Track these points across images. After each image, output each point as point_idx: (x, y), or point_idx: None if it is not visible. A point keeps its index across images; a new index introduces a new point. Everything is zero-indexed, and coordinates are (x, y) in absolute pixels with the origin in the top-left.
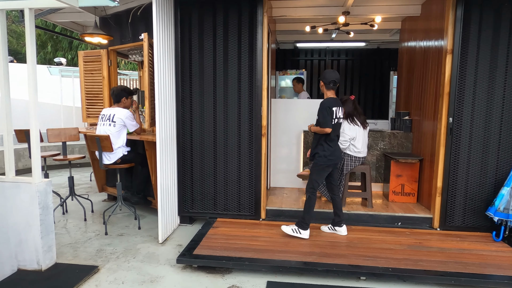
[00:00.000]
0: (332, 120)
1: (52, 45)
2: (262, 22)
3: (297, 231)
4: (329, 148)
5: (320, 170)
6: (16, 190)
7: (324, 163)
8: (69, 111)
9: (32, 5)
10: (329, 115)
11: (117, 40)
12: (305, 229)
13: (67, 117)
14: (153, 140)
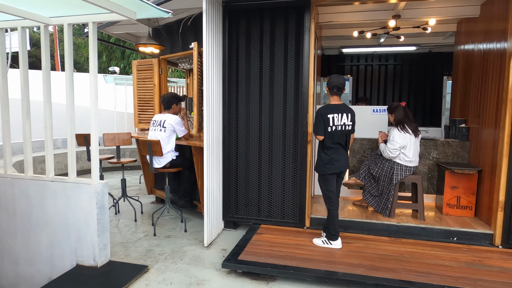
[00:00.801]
0: (325, 128)
1: (107, 55)
2: (309, 29)
3: (327, 243)
4: (325, 156)
5: (323, 180)
6: (77, 190)
7: (322, 172)
8: (121, 117)
9: (95, 19)
10: (320, 123)
11: (167, 50)
12: (335, 240)
13: (119, 122)
14: (200, 145)
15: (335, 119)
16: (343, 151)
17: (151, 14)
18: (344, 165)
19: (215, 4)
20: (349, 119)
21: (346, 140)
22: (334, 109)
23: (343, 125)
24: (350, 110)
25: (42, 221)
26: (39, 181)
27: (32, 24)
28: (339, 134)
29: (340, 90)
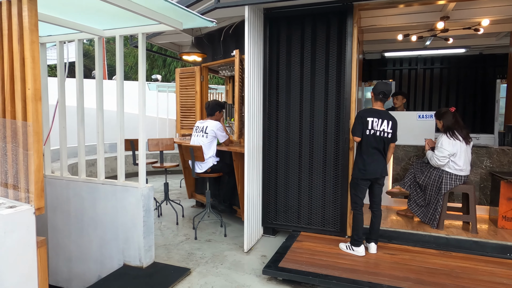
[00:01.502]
0: (363, 130)
1: (149, 63)
2: (351, 33)
3: (350, 248)
4: (360, 160)
5: (355, 184)
6: (125, 193)
7: (356, 176)
8: (163, 123)
9: (145, 30)
10: (359, 125)
11: (209, 57)
12: (358, 246)
13: (161, 128)
14: (241, 151)
15: (374, 123)
16: (380, 157)
17: (196, 23)
18: (379, 171)
19: (256, 12)
20: (389, 127)
21: (385, 147)
22: (375, 113)
23: (382, 131)
24: (391, 118)
25: (93, 222)
26: (91, 184)
27: (88, 37)
28: (377, 139)
29: (386, 97)
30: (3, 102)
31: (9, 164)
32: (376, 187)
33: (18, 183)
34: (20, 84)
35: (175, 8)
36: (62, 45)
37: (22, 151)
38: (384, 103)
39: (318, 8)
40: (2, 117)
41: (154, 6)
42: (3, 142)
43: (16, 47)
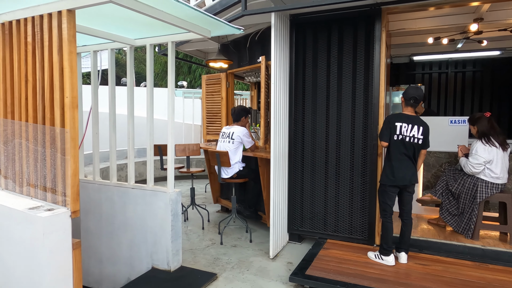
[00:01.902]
0: (391, 135)
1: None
2: (380, 38)
3: (379, 257)
4: (388, 166)
5: (383, 191)
6: (154, 198)
7: (385, 182)
8: (189, 128)
9: (174, 39)
10: (386, 129)
11: (235, 64)
12: (387, 255)
13: (187, 134)
14: (266, 157)
15: (403, 128)
16: (410, 164)
17: (224, 31)
18: (408, 178)
19: (282, 18)
20: (419, 132)
21: (415, 154)
22: (404, 118)
23: (412, 137)
24: (422, 124)
25: (123, 225)
26: (121, 188)
27: (120, 46)
28: (406, 145)
29: (417, 102)
30: (43, 109)
31: (48, 168)
32: (406, 195)
33: (56, 187)
34: (59, 92)
35: (204, 16)
36: (96, 54)
37: (60, 156)
38: (415, 108)
39: (345, 13)
40: (42, 124)
41: (184, 15)
42: (42, 147)
43: (55, 58)
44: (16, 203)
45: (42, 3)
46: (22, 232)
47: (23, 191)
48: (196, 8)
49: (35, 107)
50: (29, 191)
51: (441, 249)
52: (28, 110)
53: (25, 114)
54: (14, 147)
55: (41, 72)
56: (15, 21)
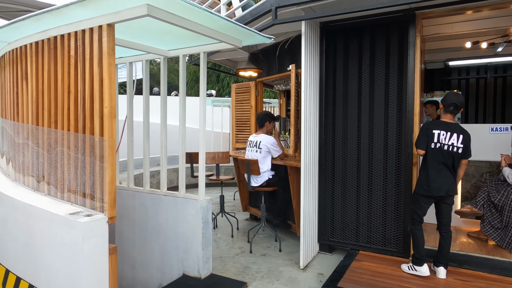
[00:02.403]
0: (428, 143)
1: None
2: (414, 43)
3: (412, 268)
4: (424, 174)
5: (416, 200)
6: (186, 205)
7: (418, 192)
8: (218, 136)
9: (206, 49)
10: (424, 137)
11: (264, 72)
12: (420, 265)
13: (215, 142)
14: (296, 165)
15: (441, 136)
16: (448, 173)
17: (255, 40)
18: (445, 189)
19: (313, 26)
20: (459, 141)
21: (454, 163)
22: (442, 125)
23: (451, 146)
24: (463, 132)
25: (155, 231)
26: (154, 195)
27: (154, 57)
28: (444, 153)
29: (457, 109)
30: (84, 119)
31: (87, 175)
32: (444, 207)
33: (94, 193)
34: (98, 102)
35: (235, 27)
36: (131, 65)
37: (98, 163)
38: (455, 116)
39: (377, 19)
40: (82, 133)
41: (216, 26)
42: (82, 155)
43: (96, 70)
44: (57, 209)
45: (84, 19)
46: (63, 236)
47: (64, 197)
48: (228, 19)
49: (76, 116)
50: (70, 197)
51: (483, 265)
52: (70, 120)
53: (67, 123)
54: (56, 155)
55: (82, 83)
56: (60, 36)
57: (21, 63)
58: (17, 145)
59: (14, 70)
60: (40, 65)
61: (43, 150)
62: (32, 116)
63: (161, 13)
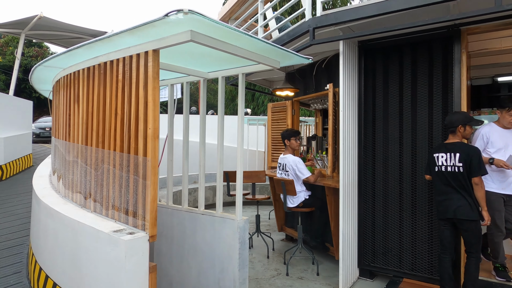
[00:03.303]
0: (431, 168)
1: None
2: (459, 60)
3: None
4: (436, 199)
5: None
6: (222, 224)
7: (437, 216)
8: (253, 155)
9: (244, 71)
10: (428, 162)
11: (301, 92)
12: None
13: (251, 160)
14: (334, 186)
15: (440, 158)
16: (457, 196)
17: (293, 61)
18: (451, 212)
19: (350, 45)
20: (457, 159)
21: (462, 184)
22: (442, 147)
23: (452, 166)
24: (461, 149)
25: (193, 249)
26: (192, 213)
27: (194, 79)
28: (448, 175)
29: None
30: (129, 139)
31: (131, 194)
32: (463, 234)
33: (137, 211)
34: (142, 124)
35: (274, 48)
36: (172, 87)
37: (141, 183)
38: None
39: (419, 36)
40: (127, 153)
41: (255, 48)
42: (126, 174)
43: (141, 93)
44: (102, 226)
45: (132, 45)
46: (107, 253)
47: (108, 214)
48: (267, 41)
49: (122, 137)
50: (114, 214)
51: None
52: (116, 140)
53: (113, 143)
54: (102, 173)
55: (128, 106)
56: (109, 62)
57: (73, 87)
58: (68, 163)
59: (67, 94)
60: (91, 89)
61: (90, 169)
62: (82, 136)
63: (203, 38)
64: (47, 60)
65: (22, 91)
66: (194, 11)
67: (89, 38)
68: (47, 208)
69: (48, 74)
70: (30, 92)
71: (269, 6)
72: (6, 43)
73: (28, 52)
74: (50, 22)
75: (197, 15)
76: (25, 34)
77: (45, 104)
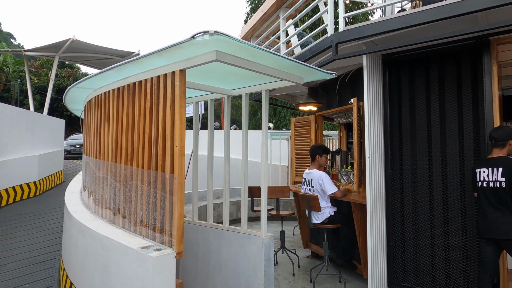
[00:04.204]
0: (475, 184)
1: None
2: (490, 71)
3: None
4: (479, 216)
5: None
6: (247, 241)
7: (478, 234)
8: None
9: (267, 87)
10: (472, 178)
11: (324, 106)
12: None
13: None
14: (361, 202)
15: (482, 173)
16: (499, 214)
17: (316, 77)
18: (493, 231)
19: (374, 59)
20: (499, 174)
21: (504, 200)
22: (484, 162)
23: (494, 181)
24: (503, 163)
25: (218, 266)
26: (217, 230)
27: (218, 97)
28: (490, 191)
29: (497, 142)
30: (156, 157)
31: (158, 210)
32: (508, 252)
33: (164, 228)
34: (169, 142)
35: (297, 65)
36: (197, 104)
37: (168, 199)
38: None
39: (445, 48)
40: (154, 170)
41: (279, 65)
42: (154, 191)
43: (168, 112)
44: (131, 242)
45: (159, 66)
46: (135, 269)
47: (136, 230)
48: (291, 59)
49: (150, 155)
50: (141, 230)
51: None
52: (144, 158)
53: (141, 161)
54: (131, 190)
55: (156, 124)
56: (138, 82)
57: (104, 106)
58: (98, 180)
59: (98, 113)
60: (121, 108)
61: (119, 186)
62: (111, 154)
63: (228, 58)
64: (80, 82)
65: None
66: (220, 32)
67: (117, 58)
68: (78, 223)
69: (80, 95)
70: (62, 110)
71: (291, 23)
72: (41, 65)
73: (61, 73)
74: (82, 45)
75: (222, 36)
76: (59, 57)
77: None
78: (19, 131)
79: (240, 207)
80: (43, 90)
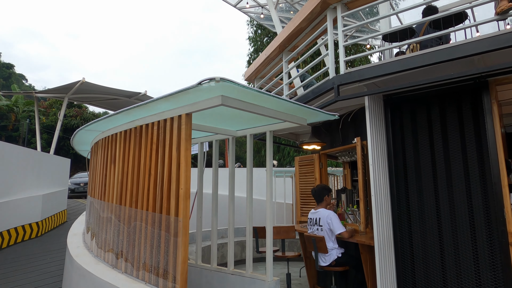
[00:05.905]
0: None
1: (265, 150)
2: (490, 110)
3: None
4: None
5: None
6: (252, 285)
7: None
8: (280, 207)
9: (271, 128)
10: None
11: (327, 145)
12: None
13: (278, 213)
14: (369, 243)
15: None
16: None
17: (319, 118)
18: None
19: (376, 99)
20: None
21: None
22: None
23: None
24: None
25: None
26: (221, 273)
27: (223, 137)
28: None
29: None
30: (161, 199)
31: (162, 255)
32: None
33: (167, 272)
34: (175, 184)
35: (300, 108)
36: (202, 145)
37: (172, 243)
38: None
39: (445, 88)
40: (159, 213)
41: (283, 108)
42: (158, 234)
43: (174, 154)
44: None
45: (166, 110)
46: None
47: (139, 275)
48: (294, 102)
49: (155, 196)
50: (144, 275)
51: None
52: (149, 200)
53: (146, 203)
54: (134, 233)
55: (161, 166)
56: (145, 125)
57: (111, 148)
58: (102, 222)
59: (105, 154)
60: (127, 150)
61: (123, 228)
62: (116, 195)
63: (233, 102)
64: (88, 125)
65: (61, 148)
66: (226, 78)
67: (124, 98)
68: (80, 268)
69: (88, 136)
70: (68, 149)
71: (293, 66)
72: (50, 105)
73: (69, 112)
74: (91, 86)
75: (228, 83)
76: (68, 98)
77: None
78: (25, 171)
79: (244, 247)
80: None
